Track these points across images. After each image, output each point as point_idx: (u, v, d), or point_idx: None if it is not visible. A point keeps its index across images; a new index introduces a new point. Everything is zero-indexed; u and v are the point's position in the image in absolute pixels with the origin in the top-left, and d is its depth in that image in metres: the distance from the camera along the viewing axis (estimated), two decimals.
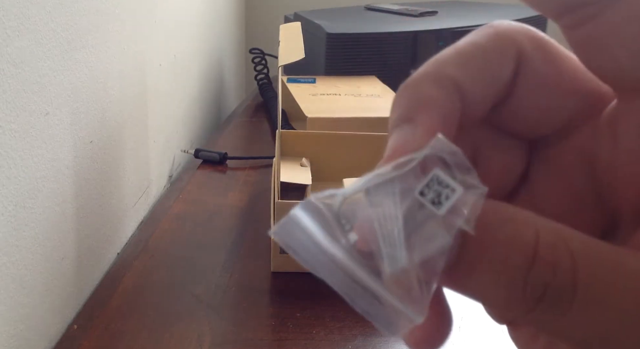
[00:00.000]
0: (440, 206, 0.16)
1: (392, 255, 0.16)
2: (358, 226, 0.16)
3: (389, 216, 0.16)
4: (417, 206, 0.16)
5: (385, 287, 0.16)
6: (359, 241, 0.16)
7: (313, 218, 0.17)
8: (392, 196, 0.16)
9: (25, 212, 0.43)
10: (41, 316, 0.47)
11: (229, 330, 0.48)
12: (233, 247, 0.61)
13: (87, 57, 0.52)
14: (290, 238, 0.17)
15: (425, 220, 0.16)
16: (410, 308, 0.16)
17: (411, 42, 1.04)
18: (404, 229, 0.16)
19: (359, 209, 0.16)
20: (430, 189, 0.16)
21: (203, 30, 1.02)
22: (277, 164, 0.62)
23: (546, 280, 0.15)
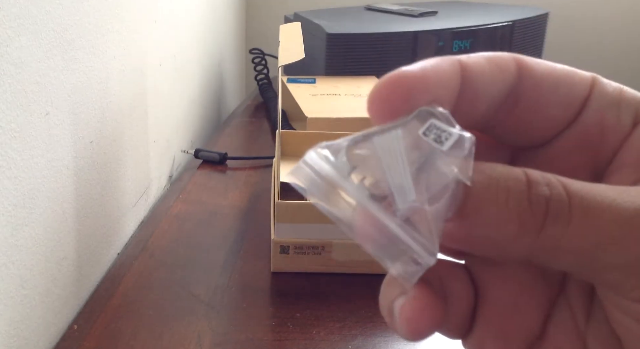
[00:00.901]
0: (442, 144, 0.17)
1: (401, 192, 0.16)
2: (367, 169, 0.17)
3: (395, 158, 0.17)
4: (420, 148, 0.17)
5: (398, 224, 0.17)
6: (370, 184, 0.17)
7: (323, 161, 0.17)
8: (395, 140, 0.17)
9: (25, 212, 0.43)
10: (41, 316, 0.47)
11: (229, 330, 0.48)
12: (233, 247, 0.61)
13: (87, 57, 0.52)
14: (305, 180, 0.17)
15: (429, 160, 0.17)
16: (422, 245, 0.16)
17: (411, 42, 1.04)
18: (409, 169, 0.17)
19: (365, 154, 0.17)
20: (430, 132, 0.17)
21: (203, 30, 1.02)
22: (277, 164, 0.62)
23: (545, 194, 0.17)
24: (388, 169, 0.17)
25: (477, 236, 0.17)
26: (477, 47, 1.09)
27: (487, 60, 0.19)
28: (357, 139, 0.18)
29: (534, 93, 0.20)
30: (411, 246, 0.16)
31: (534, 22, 1.16)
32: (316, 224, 0.55)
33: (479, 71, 0.19)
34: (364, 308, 0.51)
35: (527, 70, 0.20)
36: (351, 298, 0.53)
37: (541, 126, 0.20)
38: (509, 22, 1.11)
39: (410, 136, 0.17)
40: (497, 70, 0.19)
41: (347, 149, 0.17)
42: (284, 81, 0.98)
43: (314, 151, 0.18)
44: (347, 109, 0.83)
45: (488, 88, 0.19)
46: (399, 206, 0.16)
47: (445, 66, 0.19)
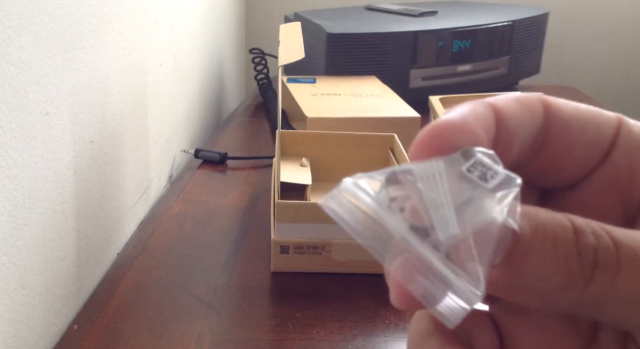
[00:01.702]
0: (487, 182, 0.16)
1: (443, 224, 0.16)
2: (407, 200, 0.16)
3: (437, 190, 0.16)
4: (463, 185, 0.16)
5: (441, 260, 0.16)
6: (410, 215, 0.16)
7: (362, 192, 0.17)
8: (437, 173, 0.16)
9: (25, 212, 0.43)
10: (41, 316, 0.47)
11: (229, 330, 0.48)
12: (233, 247, 0.61)
13: (87, 57, 0.52)
14: (343, 210, 0.17)
15: (473, 198, 0.16)
16: (467, 283, 0.16)
17: (411, 42, 1.04)
18: (452, 202, 0.16)
19: (405, 185, 0.17)
20: (475, 169, 0.16)
21: (203, 30, 1.02)
22: (277, 164, 0.62)
23: (593, 244, 0.16)
24: (429, 200, 0.16)
25: (522, 286, 0.16)
26: (477, 47, 1.09)
27: (516, 102, 0.19)
28: (396, 170, 0.17)
29: (562, 134, 0.20)
30: (454, 283, 0.16)
31: (534, 22, 1.17)
32: (316, 224, 0.55)
33: (512, 113, 0.19)
34: (364, 308, 0.51)
35: (554, 111, 0.20)
36: (351, 298, 0.53)
37: (569, 168, 0.20)
38: (509, 22, 1.11)
39: (453, 171, 0.17)
40: (527, 111, 0.19)
41: (386, 180, 0.17)
42: (284, 81, 0.98)
43: (351, 180, 0.17)
44: (347, 109, 0.83)
45: (520, 130, 0.19)
46: (441, 239, 0.16)
47: (480, 110, 0.18)
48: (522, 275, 0.16)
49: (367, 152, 0.71)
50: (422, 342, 0.19)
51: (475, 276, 0.16)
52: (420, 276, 0.16)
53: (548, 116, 0.20)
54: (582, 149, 0.20)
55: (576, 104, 0.20)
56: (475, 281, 0.16)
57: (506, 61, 1.14)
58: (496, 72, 1.14)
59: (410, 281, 0.16)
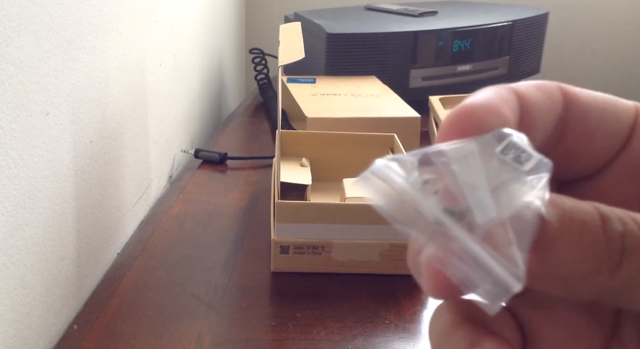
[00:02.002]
0: (522, 165, 0.16)
1: (480, 206, 0.15)
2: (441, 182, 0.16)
3: (472, 172, 0.16)
4: (498, 166, 0.16)
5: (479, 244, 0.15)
6: (445, 198, 0.16)
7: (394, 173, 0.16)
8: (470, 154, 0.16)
9: (25, 212, 0.43)
10: (41, 316, 0.47)
11: (229, 330, 0.48)
12: (233, 247, 0.61)
13: (87, 57, 0.52)
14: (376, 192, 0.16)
15: (507, 179, 0.16)
16: (506, 268, 0.15)
17: (411, 42, 1.04)
18: (488, 184, 0.15)
19: (439, 167, 0.16)
20: (509, 151, 0.16)
21: (203, 30, 1.02)
22: (277, 164, 0.62)
23: (620, 230, 0.16)
24: (464, 182, 0.15)
25: (549, 273, 0.16)
26: (477, 47, 1.10)
27: (537, 89, 0.19)
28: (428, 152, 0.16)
29: (581, 123, 0.19)
30: (494, 268, 0.15)
31: (534, 22, 1.17)
32: (316, 224, 0.55)
33: (534, 100, 0.19)
34: (364, 308, 0.51)
35: (572, 99, 0.19)
36: (351, 298, 0.53)
37: (588, 157, 0.20)
38: (509, 22, 1.11)
39: (487, 153, 0.16)
40: (548, 99, 0.19)
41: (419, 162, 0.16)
42: (284, 81, 0.98)
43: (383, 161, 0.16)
44: (347, 109, 0.83)
45: (542, 117, 0.19)
46: (478, 222, 0.15)
47: (505, 93, 0.18)
48: (549, 262, 0.16)
49: (367, 152, 0.71)
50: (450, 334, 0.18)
51: (515, 261, 0.15)
52: (458, 261, 0.15)
53: (567, 104, 0.19)
54: (601, 137, 0.19)
55: (594, 92, 0.20)
56: (515, 266, 0.15)
57: (506, 61, 1.14)
58: (496, 72, 1.14)
59: (448, 266, 0.16)
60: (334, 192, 0.68)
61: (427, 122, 0.92)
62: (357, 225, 0.55)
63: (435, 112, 0.90)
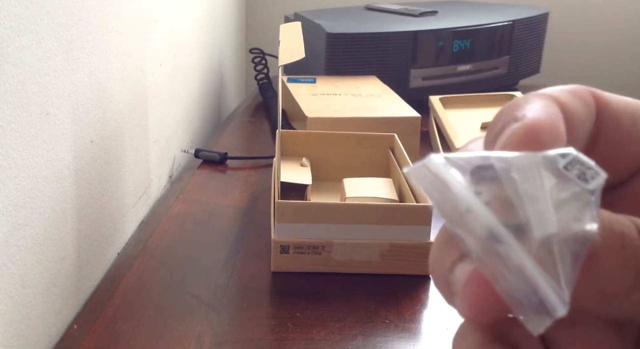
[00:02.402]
0: (587, 183, 0.15)
1: (541, 221, 0.14)
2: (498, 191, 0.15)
3: (534, 184, 0.15)
4: (561, 181, 0.15)
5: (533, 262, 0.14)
6: (502, 208, 0.15)
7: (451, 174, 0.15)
8: (535, 166, 0.15)
9: (25, 212, 0.43)
10: (41, 316, 0.47)
11: (229, 330, 0.48)
12: (233, 247, 0.61)
13: (87, 57, 0.52)
14: (431, 187, 0.15)
15: (572, 196, 0.15)
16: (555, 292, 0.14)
17: (411, 42, 1.04)
18: (550, 198, 0.14)
19: (499, 174, 0.15)
20: (574, 167, 0.15)
21: (203, 30, 1.02)
22: (277, 164, 0.62)
23: None
24: (525, 193, 0.15)
25: (590, 289, 0.15)
26: (477, 47, 1.09)
27: (574, 96, 0.18)
28: (490, 156, 0.15)
29: (612, 130, 0.19)
30: (544, 289, 0.14)
31: (534, 22, 1.17)
32: (316, 224, 0.55)
33: (573, 109, 0.18)
34: (364, 308, 0.51)
35: (604, 105, 0.19)
36: (351, 298, 0.53)
37: (619, 165, 0.19)
38: (509, 22, 1.11)
39: (551, 167, 0.15)
40: (585, 106, 0.18)
41: (478, 166, 0.15)
42: (284, 81, 0.98)
43: (441, 157, 0.15)
44: (347, 109, 0.83)
45: (580, 126, 0.18)
46: (537, 236, 0.14)
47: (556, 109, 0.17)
48: (591, 278, 0.15)
49: (367, 152, 0.71)
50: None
51: (561, 283, 0.14)
52: (508, 275, 0.14)
53: (599, 111, 0.18)
54: (633, 145, 0.19)
55: (625, 98, 0.19)
56: (561, 289, 0.14)
57: (506, 61, 1.14)
58: (496, 72, 1.14)
59: (496, 281, 0.15)
60: (334, 192, 0.68)
61: (427, 122, 0.92)
62: (357, 225, 0.55)
63: (436, 112, 0.90)
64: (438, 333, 0.49)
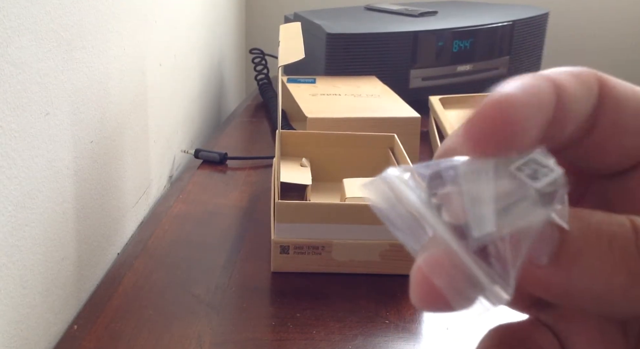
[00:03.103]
0: (537, 181, 0.15)
1: (480, 221, 0.15)
2: (446, 194, 0.16)
3: (480, 188, 0.16)
4: (510, 182, 0.16)
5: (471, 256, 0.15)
6: (448, 212, 0.16)
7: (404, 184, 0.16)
8: (485, 171, 0.16)
9: (25, 212, 0.43)
10: (41, 316, 0.47)
11: (229, 330, 0.48)
12: (233, 247, 0.61)
13: (87, 57, 0.52)
14: (381, 199, 0.17)
15: (519, 199, 0.15)
16: (495, 282, 0.15)
17: (411, 42, 1.04)
18: (494, 201, 0.15)
19: (448, 182, 0.16)
20: (528, 167, 0.16)
21: (203, 30, 1.02)
22: (277, 164, 0.62)
23: None
24: (469, 198, 0.16)
25: (578, 287, 0.16)
26: (477, 47, 1.09)
27: (574, 77, 0.18)
28: (440, 166, 0.16)
29: (614, 116, 0.18)
30: (482, 281, 0.15)
31: (534, 22, 1.17)
32: (316, 224, 0.55)
33: (571, 89, 0.17)
34: (364, 308, 0.51)
35: (608, 90, 0.18)
36: (351, 298, 0.53)
37: (618, 153, 0.19)
38: (509, 22, 1.11)
39: (502, 169, 0.16)
40: (585, 88, 0.18)
41: (430, 176, 0.16)
42: (284, 81, 0.98)
43: (395, 171, 0.17)
44: (347, 109, 0.83)
45: (578, 108, 0.18)
46: (474, 236, 0.15)
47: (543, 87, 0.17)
48: (575, 276, 0.16)
49: (367, 152, 0.71)
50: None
51: (506, 277, 0.15)
52: (448, 271, 0.16)
53: (602, 95, 0.18)
54: (634, 134, 0.18)
55: (633, 87, 0.19)
56: (505, 283, 0.15)
57: (506, 61, 1.14)
58: (496, 72, 1.14)
59: (436, 274, 0.16)
60: (334, 192, 0.68)
61: (427, 122, 0.92)
62: (357, 225, 0.55)
63: (435, 112, 0.90)
64: (438, 333, 0.49)
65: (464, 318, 0.50)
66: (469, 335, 0.48)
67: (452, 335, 0.48)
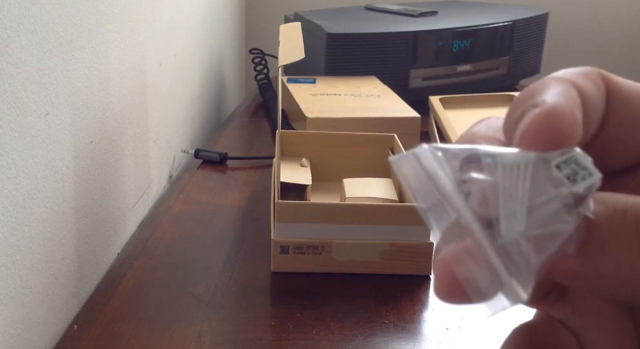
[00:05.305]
0: (575, 184, 0.15)
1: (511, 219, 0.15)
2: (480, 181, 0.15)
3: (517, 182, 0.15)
4: (549, 181, 0.15)
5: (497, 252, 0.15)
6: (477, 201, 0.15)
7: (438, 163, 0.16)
8: (524, 165, 0.15)
9: (25, 212, 0.43)
10: (41, 316, 0.47)
11: (229, 330, 0.48)
12: (233, 247, 0.61)
13: (87, 57, 0.52)
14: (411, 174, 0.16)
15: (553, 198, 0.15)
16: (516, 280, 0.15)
17: (411, 42, 1.04)
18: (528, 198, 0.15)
19: (485, 169, 0.16)
20: (568, 166, 0.15)
21: (203, 30, 1.02)
22: (277, 164, 0.62)
23: None
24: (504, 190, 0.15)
25: (605, 274, 0.15)
26: (477, 47, 1.09)
27: (586, 78, 0.18)
28: (480, 151, 0.16)
29: (622, 112, 0.18)
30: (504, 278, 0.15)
31: (534, 22, 1.17)
32: (316, 224, 0.55)
33: (588, 94, 0.17)
34: (364, 308, 0.51)
35: (614, 88, 0.19)
36: (351, 298, 0.53)
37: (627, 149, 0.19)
38: (509, 22, 1.11)
39: (543, 165, 0.15)
40: (597, 89, 0.18)
41: (466, 158, 0.16)
42: (284, 81, 0.98)
43: (429, 148, 0.16)
44: (347, 109, 0.83)
45: (595, 110, 0.18)
46: (503, 232, 0.15)
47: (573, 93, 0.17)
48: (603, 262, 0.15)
49: (367, 152, 0.71)
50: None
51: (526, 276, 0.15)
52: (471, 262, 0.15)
53: (608, 93, 0.18)
54: None
55: (634, 83, 0.19)
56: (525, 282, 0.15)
57: (506, 61, 1.14)
58: (496, 72, 1.14)
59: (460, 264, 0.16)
60: (334, 192, 0.68)
61: (427, 122, 0.92)
62: (357, 225, 0.55)
63: (435, 112, 0.90)
64: (438, 333, 0.49)
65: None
66: (468, 335, 0.48)
67: (452, 335, 0.48)
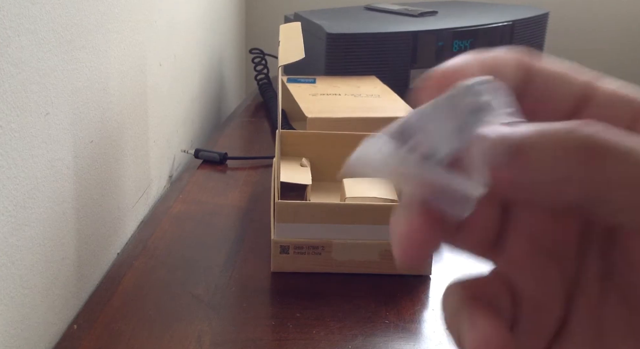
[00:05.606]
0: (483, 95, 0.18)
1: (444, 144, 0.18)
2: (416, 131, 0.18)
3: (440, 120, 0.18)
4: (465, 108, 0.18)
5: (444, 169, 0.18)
6: (418, 147, 0.18)
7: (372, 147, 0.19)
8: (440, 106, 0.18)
9: (25, 212, 0.43)
10: (41, 316, 0.47)
11: (229, 330, 0.48)
12: (233, 247, 0.61)
13: (87, 57, 0.52)
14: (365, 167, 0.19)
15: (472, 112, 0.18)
16: (469, 181, 0.18)
17: (411, 42, 1.04)
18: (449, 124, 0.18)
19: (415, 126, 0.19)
20: (470, 93, 0.18)
21: (203, 30, 1.02)
22: (277, 164, 0.62)
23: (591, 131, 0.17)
24: (432, 129, 0.18)
25: (530, 180, 0.17)
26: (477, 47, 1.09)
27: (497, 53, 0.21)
28: (409, 116, 0.19)
29: (541, 85, 0.20)
30: (459, 182, 0.18)
31: (534, 22, 1.16)
32: (316, 224, 0.55)
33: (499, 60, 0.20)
34: (364, 308, 0.51)
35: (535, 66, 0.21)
36: (351, 298, 0.53)
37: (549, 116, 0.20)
38: (509, 22, 1.11)
39: (456, 99, 0.18)
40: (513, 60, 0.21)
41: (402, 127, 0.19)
42: (284, 81, 0.98)
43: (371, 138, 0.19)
44: (347, 109, 0.83)
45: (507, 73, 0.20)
46: (442, 154, 0.18)
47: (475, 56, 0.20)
48: (526, 170, 0.17)
49: None
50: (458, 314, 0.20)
51: (477, 174, 0.18)
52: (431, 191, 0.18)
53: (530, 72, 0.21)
54: (560, 101, 0.20)
55: (561, 65, 0.21)
56: (477, 178, 0.18)
57: None
58: None
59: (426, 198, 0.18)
60: (334, 192, 0.68)
61: None
62: (357, 225, 0.55)
63: None
64: (438, 333, 0.49)
65: None
66: None
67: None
